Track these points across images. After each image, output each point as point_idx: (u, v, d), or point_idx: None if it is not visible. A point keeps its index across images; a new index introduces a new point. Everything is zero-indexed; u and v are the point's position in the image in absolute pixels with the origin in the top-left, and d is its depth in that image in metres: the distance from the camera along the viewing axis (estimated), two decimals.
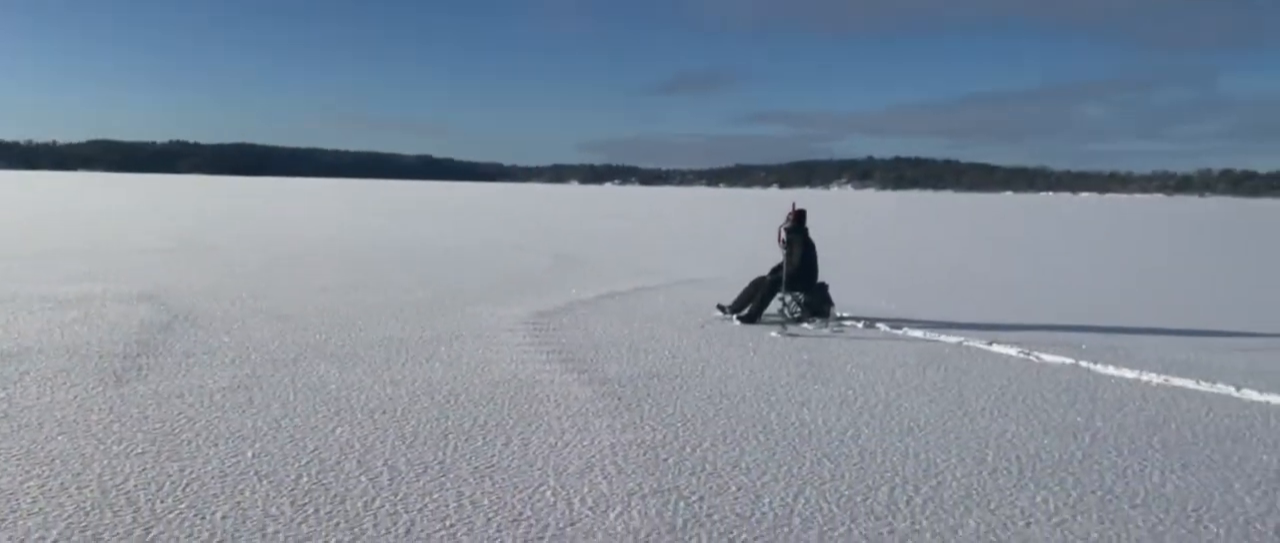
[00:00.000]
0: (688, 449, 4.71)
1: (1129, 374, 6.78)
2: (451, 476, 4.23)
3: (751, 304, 9.15)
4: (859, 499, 4.04)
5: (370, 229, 24.11)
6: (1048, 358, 7.37)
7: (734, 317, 9.13)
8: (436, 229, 24.78)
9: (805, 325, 8.86)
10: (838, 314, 9.41)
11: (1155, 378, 6.66)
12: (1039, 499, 4.07)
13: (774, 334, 8.28)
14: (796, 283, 9.16)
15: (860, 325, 8.96)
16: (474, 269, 13.70)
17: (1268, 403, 5.96)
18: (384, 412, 5.32)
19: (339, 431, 4.92)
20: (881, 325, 8.95)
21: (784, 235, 9.33)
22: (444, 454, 4.54)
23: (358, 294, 10.57)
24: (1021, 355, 7.47)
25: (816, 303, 9.25)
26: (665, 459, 4.53)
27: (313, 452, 4.54)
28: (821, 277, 9.50)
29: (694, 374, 6.51)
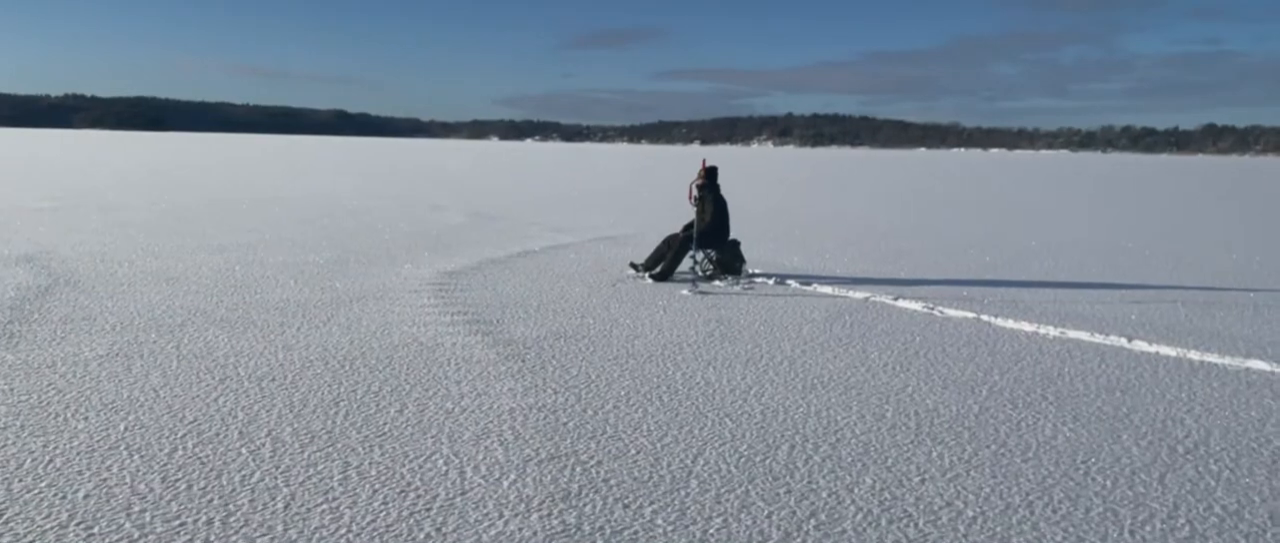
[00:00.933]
0: (589, 412, 4.61)
1: (1027, 328, 6.94)
2: (339, 445, 4.04)
3: (663, 262, 9.07)
4: (758, 459, 4.01)
5: (274, 187, 23.25)
6: (951, 312, 7.49)
7: (646, 275, 9.05)
8: (346, 187, 24.05)
9: (717, 283, 8.84)
10: (749, 271, 9.41)
11: (1052, 331, 6.82)
12: (934, 455, 4.10)
13: (685, 292, 8.22)
14: (708, 240, 9.11)
15: (771, 282, 8.98)
16: (383, 228, 13.31)
17: (1156, 354, 6.16)
18: (273, 379, 5.08)
19: (222, 400, 4.67)
20: (792, 282, 8.98)
21: (695, 193, 9.26)
22: (333, 423, 4.34)
23: (257, 254, 10.14)
24: (926, 310, 7.57)
25: (728, 260, 9.24)
26: (565, 423, 4.43)
27: (191, 423, 4.29)
28: (734, 234, 9.48)
29: (601, 335, 6.41)
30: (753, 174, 40.99)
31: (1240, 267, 11.11)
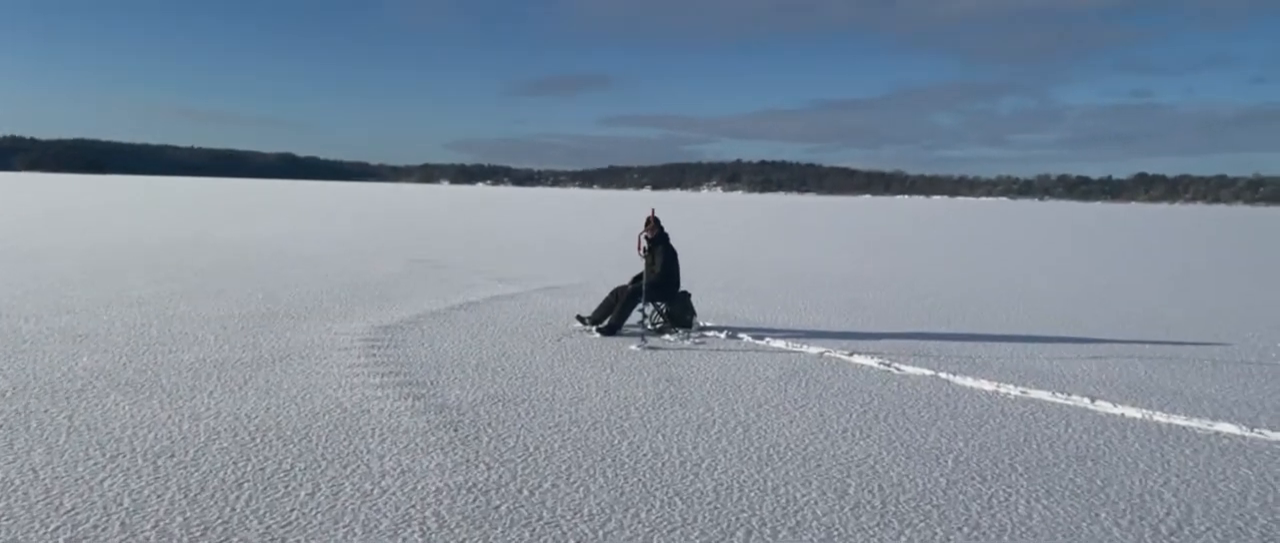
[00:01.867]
0: (526, 492, 4.18)
1: (987, 386, 6.67)
2: (236, 539, 3.55)
3: (611, 315, 8.69)
4: None
5: (208, 232, 22.44)
6: (908, 369, 7.21)
7: (593, 328, 8.65)
8: (286, 232, 23.30)
9: (667, 337, 8.47)
10: (700, 324, 9.07)
11: (1013, 390, 6.56)
12: (904, 540, 3.74)
13: (634, 348, 7.84)
14: (658, 292, 8.76)
15: (722, 336, 8.64)
16: (319, 277, 12.73)
17: (1122, 416, 5.91)
18: (171, 456, 4.56)
19: (108, 483, 4.14)
20: (744, 336, 8.65)
21: (644, 244, 8.92)
22: (232, 511, 3.84)
23: (179, 307, 9.53)
24: (882, 367, 7.28)
25: (679, 313, 8.89)
26: (497, 507, 3.99)
27: (67, 512, 3.76)
28: (685, 284, 9.14)
29: (543, 398, 5.98)
30: (703, 220, 40.96)
31: (1189, 318, 11.07)
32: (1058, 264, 19.85)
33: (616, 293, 8.95)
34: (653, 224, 8.91)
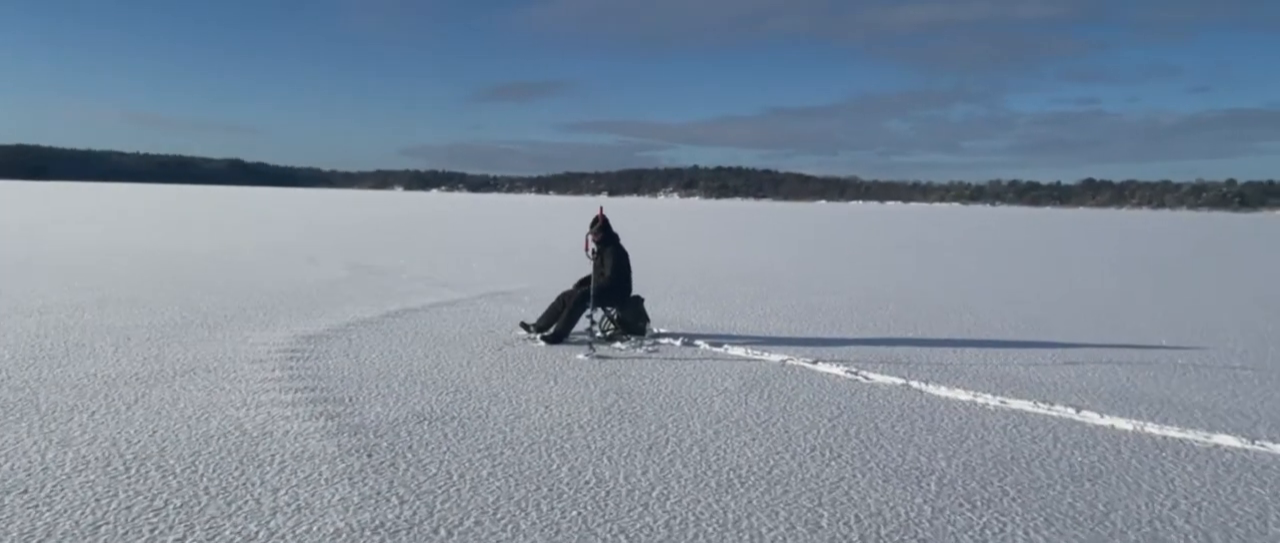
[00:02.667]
0: (443, 533, 3.53)
1: (963, 396, 6.15)
2: None
3: (557, 323, 8.04)
4: None
5: (138, 238, 21.33)
6: (877, 378, 6.67)
7: (538, 337, 8.00)
8: (221, 238, 22.26)
9: (618, 345, 7.85)
10: (654, 331, 8.46)
11: (991, 400, 6.05)
12: None
13: (581, 357, 7.21)
14: (608, 297, 8.14)
15: (678, 344, 8.04)
16: (247, 284, 11.89)
17: (1112, 428, 5.42)
18: (24, 491, 3.83)
19: None
20: (701, 343, 8.06)
21: (592, 246, 8.29)
22: None
23: (83, 317, 8.69)
24: (849, 376, 6.74)
25: (630, 319, 8.27)
26: None
27: None
28: (637, 289, 8.53)
29: (475, 416, 5.32)
30: (659, 224, 40.38)
31: (1158, 321, 10.74)
32: (1017, 268, 19.61)
33: (563, 298, 8.31)
34: (600, 225, 8.29)
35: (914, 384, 6.48)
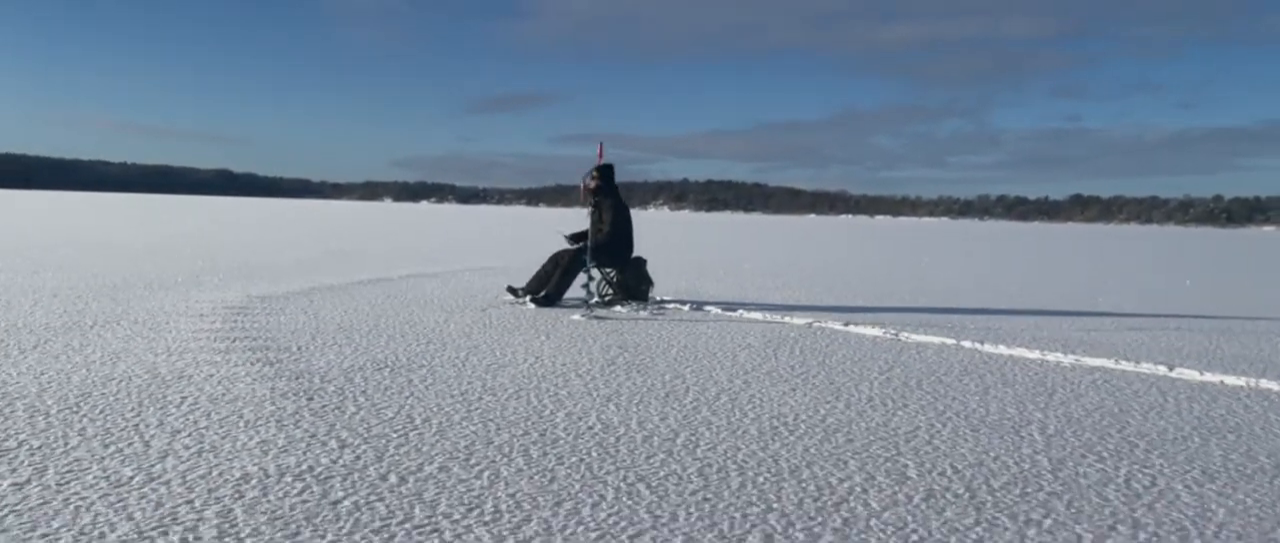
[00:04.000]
0: (393, 479, 2.55)
1: (1029, 354, 5.20)
2: None
3: (549, 284, 7.07)
4: None
5: (108, 232, 20.26)
6: (920, 338, 5.72)
7: (527, 299, 7.02)
8: (192, 231, 21.18)
9: (619, 309, 6.88)
10: (658, 298, 7.50)
11: (1064, 358, 5.10)
12: None
13: (577, 317, 6.24)
14: (606, 256, 7.17)
15: (686, 308, 7.07)
16: (208, 258, 10.88)
17: (1222, 384, 4.47)
18: None
19: None
20: (713, 308, 7.10)
21: (589, 188, 7.29)
22: None
23: (16, 279, 7.65)
24: (888, 335, 5.78)
25: (632, 282, 7.30)
26: (338, 501, 2.35)
27: None
28: (637, 252, 7.58)
29: (450, 364, 4.34)
30: (656, 231, 39.43)
31: (1204, 301, 9.83)
32: (1035, 260, 18.75)
33: (556, 259, 7.33)
34: (603, 173, 7.32)
35: (966, 344, 5.53)
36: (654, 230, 31.28)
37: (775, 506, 2.42)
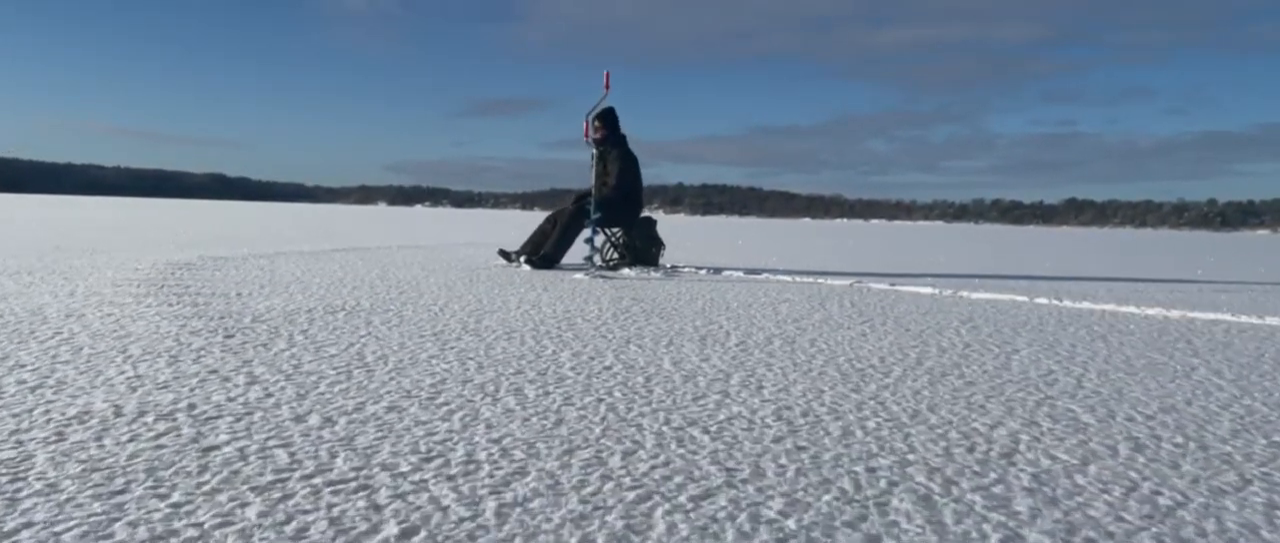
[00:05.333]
0: (316, 419, 1.66)
1: (1133, 310, 4.33)
2: None
3: (547, 244, 6.19)
4: None
5: (67, 223, 19.32)
6: (987, 295, 4.84)
7: (522, 260, 6.14)
8: (161, 221, 20.24)
9: (626, 272, 5.99)
10: (670, 264, 6.63)
11: (1201, 316, 4.22)
12: None
13: (580, 276, 5.35)
14: (613, 213, 6.28)
15: (703, 272, 6.19)
16: (163, 232, 9.97)
17: None
18: None
19: None
20: (735, 273, 6.22)
21: (594, 138, 6.40)
22: None
23: None
24: (953, 294, 4.91)
25: (641, 245, 6.40)
26: (208, 437, 1.46)
27: None
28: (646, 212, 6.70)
29: (424, 309, 3.46)
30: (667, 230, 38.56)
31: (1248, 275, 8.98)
32: (1044, 255, 17.91)
33: (553, 217, 6.45)
34: (605, 119, 6.43)
35: (1041, 301, 4.65)
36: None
37: (914, 457, 1.54)
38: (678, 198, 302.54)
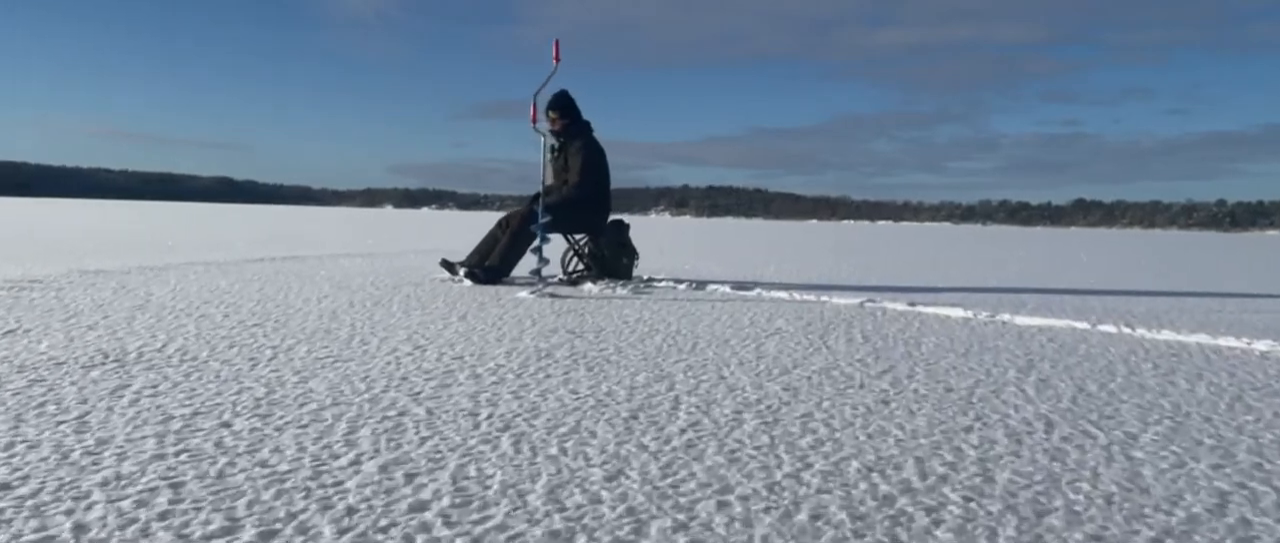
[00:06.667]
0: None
1: (1233, 343, 3.27)
2: None
3: (495, 253, 5.14)
4: None
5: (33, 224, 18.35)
6: (1033, 321, 3.79)
7: (462, 273, 5.09)
8: (135, 222, 19.26)
9: (589, 287, 4.92)
10: (645, 276, 5.59)
11: (1239, 343, 3.17)
12: None
13: (525, 294, 4.31)
14: (576, 216, 5.24)
15: (683, 287, 5.13)
16: (98, 234, 8.97)
17: None
18: None
19: None
20: (722, 287, 5.16)
21: (551, 129, 5.34)
22: None
23: None
24: (985, 318, 3.85)
25: (610, 255, 5.34)
26: None
27: None
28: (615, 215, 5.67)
29: (261, 345, 2.42)
30: (663, 234, 37.53)
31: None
32: (1069, 260, 16.82)
33: (503, 222, 5.41)
34: (562, 105, 5.36)
35: (1105, 328, 3.60)
36: (661, 240, 29.55)
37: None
38: (684, 200, 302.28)
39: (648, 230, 23.48)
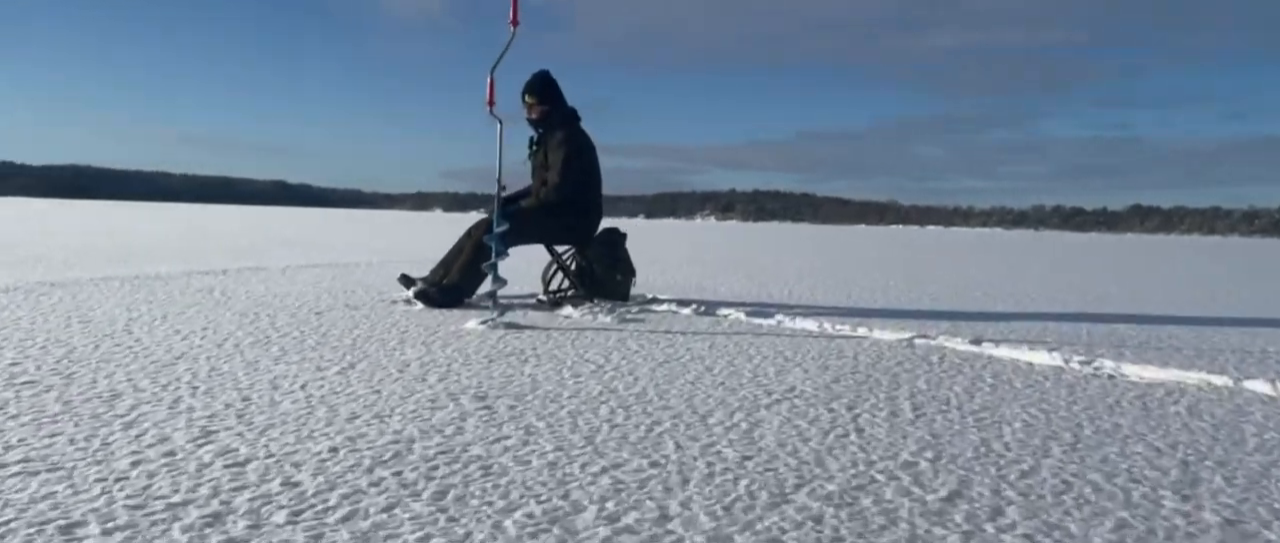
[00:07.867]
0: None
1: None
2: None
3: (454, 270, 4.20)
4: None
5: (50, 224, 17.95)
6: (1176, 375, 2.75)
7: (412, 293, 4.15)
8: (153, 226, 18.79)
9: (569, 312, 3.96)
10: (647, 295, 4.62)
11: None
12: None
13: (474, 324, 3.37)
14: (559, 224, 4.30)
15: (688, 311, 4.14)
16: (81, 235, 8.26)
17: None
18: None
19: None
20: (733, 312, 4.16)
21: (527, 120, 4.40)
22: None
23: None
24: (1079, 365, 2.82)
25: (602, 271, 4.38)
26: None
27: None
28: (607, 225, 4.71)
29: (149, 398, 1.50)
30: (701, 241, 36.52)
31: None
32: (1146, 275, 15.49)
33: (470, 231, 4.45)
34: (543, 89, 4.40)
35: (1255, 386, 2.55)
36: (700, 247, 28.60)
37: None
38: (730, 204, 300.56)
39: (672, 237, 22.53)
